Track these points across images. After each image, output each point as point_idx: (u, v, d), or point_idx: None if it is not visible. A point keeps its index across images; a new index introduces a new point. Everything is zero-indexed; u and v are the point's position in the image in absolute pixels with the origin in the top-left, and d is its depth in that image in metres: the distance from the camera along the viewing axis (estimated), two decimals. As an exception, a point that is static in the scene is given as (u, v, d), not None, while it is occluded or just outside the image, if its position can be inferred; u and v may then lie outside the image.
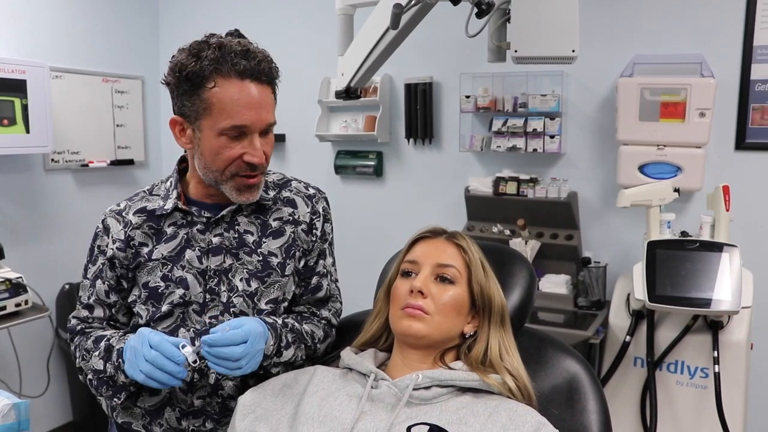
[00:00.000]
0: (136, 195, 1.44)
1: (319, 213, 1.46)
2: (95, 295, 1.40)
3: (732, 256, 2.04)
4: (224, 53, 1.23)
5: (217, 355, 1.18)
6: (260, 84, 1.27)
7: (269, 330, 1.28)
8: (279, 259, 1.38)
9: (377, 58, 1.90)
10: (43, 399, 3.03)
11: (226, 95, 1.23)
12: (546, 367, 1.31)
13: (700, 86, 2.30)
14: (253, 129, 1.27)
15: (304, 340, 1.39)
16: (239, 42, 1.27)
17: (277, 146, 3.44)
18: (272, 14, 3.35)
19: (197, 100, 1.24)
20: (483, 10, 1.49)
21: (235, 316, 1.34)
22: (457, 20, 1.82)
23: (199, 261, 1.35)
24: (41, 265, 2.98)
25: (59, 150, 3.12)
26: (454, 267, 1.25)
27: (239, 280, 1.35)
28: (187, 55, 1.25)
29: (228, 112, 1.23)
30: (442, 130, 3.01)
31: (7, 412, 1.43)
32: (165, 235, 1.37)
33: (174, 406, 1.36)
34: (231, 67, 1.23)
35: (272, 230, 1.40)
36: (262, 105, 1.27)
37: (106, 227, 1.40)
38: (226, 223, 1.37)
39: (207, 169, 1.30)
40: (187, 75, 1.23)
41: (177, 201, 1.36)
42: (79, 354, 1.38)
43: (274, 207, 1.42)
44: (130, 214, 1.39)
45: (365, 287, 1.72)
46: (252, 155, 1.28)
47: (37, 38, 3.04)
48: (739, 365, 2.09)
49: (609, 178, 2.65)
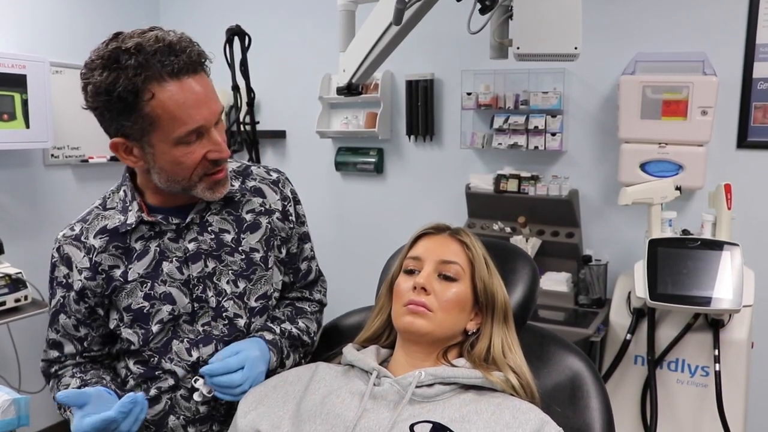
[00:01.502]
0: (89, 214, 1.32)
1: (288, 198, 1.41)
2: (62, 330, 1.32)
3: (733, 255, 2.04)
4: (147, 56, 1.09)
5: (218, 384, 1.20)
6: (197, 75, 1.15)
7: (271, 349, 1.30)
8: (261, 253, 1.35)
9: (379, 55, 1.89)
10: (42, 395, 3.00)
11: (169, 102, 1.11)
12: (549, 365, 1.30)
13: (702, 84, 2.30)
14: (209, 125, 1.17)
15: (302, 342, 1.40)
16: (156, 37, 1.12)
17: (278, 143, 3.43)
18: (273, 10, 3.34)
19: (138, 117, 1.12)
20: (486, 6, 1.48)
21: (228, 320, 1.31)
22: (459, 17, 1.81)
23: (179, 272, 1.28)
24: (41, 261, 2.92)
25: (59, 145, 3.12)
26: (458, 264, 1.24)
27: (226, 283, 1.31)
28: (104, 70, 1.10)
29: (179, 119, 1.13)
30: (443, 127, 3.01)
31: (7, 408, 1.43)
32: (135, 252, 1.27)
33: (177, 414, 1.32)
34: (161, 69, 1.10)
35: (248, 224, 1.34)
36: (208, 97, 1.16)
37: (65, 256, 1.28)
38: (197, 225, 1.30)
39: (171, 181, 1.21)
40: (118, 95, 1.09)
41: (140, 213, 1.26)
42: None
43: (243, 199, 1.35)
44: (90, 238, 1.27)
45: (366, 284, 1.72)
46: (215, 151, 1.19)
47: (38, 33, 3.03)
48: (739, 364, 2.09)
49: (610, 176, 2.65)
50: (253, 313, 1.35)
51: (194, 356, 1.29)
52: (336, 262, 1.63)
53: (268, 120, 3.40)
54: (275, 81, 3.34)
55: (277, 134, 3.40)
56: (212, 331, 1.30)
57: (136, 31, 1.14)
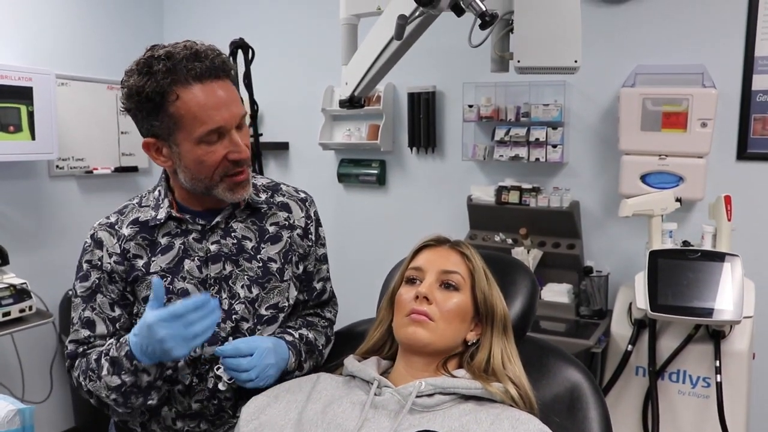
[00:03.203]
0: (126, 207, 1.40)
1: (312, 218, 1.48)
2: (98, 309, 1.35)
3: (734, 266, 2.04)
4: (175, 62, 1.20)
5: (227, 366, 1.26)
6: (220, 80, 1.25)
7: (290, 349, 1.34)
8: (278, 264, 1.40)
9: (381, 68, 1.91)
10: (46, 405, 3.03)
11: (192, 103, 1.21)
12: (548, 376, 1.31)
13: (701, 96, 2.31)
14: (229, 127, 1.25)
15: (316, 350, 1.43)
16: (185, 46, 1.23)
17: (281, 154, 3.45)
18: (276, 24, 3.38)
19: (164, 117, 1.22)
20: (486, 21, 1.50)
21: (236, 322, 1.35)
22: (460, 30, 1.84)
23: (199, 270, 1.34)
24: (45, 271, 2.98)
25: (64, 157, 3.14)
26: (459, 273, 1.26)
27: (240, 287, 1.36)
28: (138, 75, 1.21)
29: (200, 119, 1.22)
30: (444, 139, 3.03)
31: (11, 418, 1.44)
32: (160, 246, 1.34)
33: (171, 406, 1.36)
34: (186, 73, 1.20)
35: (270, 236, 1.40)
36: (229, 100, 1.26)
37: (98, 241, 1.35)
38: (222, 229, 1.36)
39: (195, 180, 1.29)
40: (147, 96, 1.20)
41: (170, 209, 1.34)
42: (84, 378, 1.31)
43: (269, 212, 1.42)
44: (123, 228, 1.35)
45: (368, 295, 1.73)
46: (235, 152, 1.27)
47: (43, 46, 3.06)
48: (741, 375, 2.09)
49: (611, 188, 2.66)
50: (260, 320, 1.38)
51: (197, 353, 1.33)
52: (338, 274, 1.63)
53: (271, 132, 3.42)
54: (278, 93, 3.37)
55: (280, 146, 3.42)
56: (219, 333, 1.34)
57: (171, 43, 1.26)
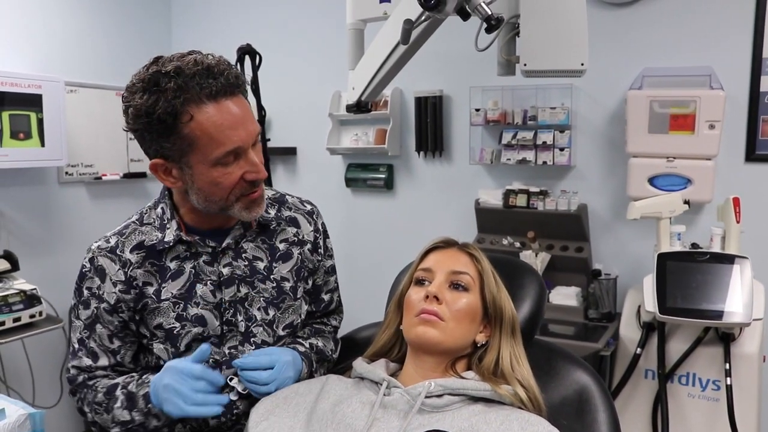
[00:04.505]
0: (126, 228, 1.32)
1: (320, 230, 1.46)
2: (98, 340, 1.31)
3: (743, 268, 2.03)
4: (186, 79, 1.11)
5: (247, 378, 1.25)
6: (234, 96, 1.17)
7: (303, 360, 1.34)
8: (291, 283, 1.38)
9: (388, 72, 1.92)
10: (56, 410, 3.04)
11: (207, 124, 1.13)
12: (556, 379, 1.31)
13: (709, 98, 2.31)
14: (246, 146, 1.18)
15: (325, 358, 1.44)
16: (195, 60, 1.14)
17: (288, 159, 3.47)
18: (284, 28, 3.39)
19: (177, 139, 1.14)
20: (492, 25, 1.51)
21: (256, 346, 1.33)
22: (466, 34, 1.84)
23: (212, 295, 1.30)
24: (55, 277, 2.99)
25: (73, 163, 3.16)
26: (468, 274, 1.26)
27: (257, 309, 1.33)
28: (144, 93, 1.12)
29: (217, 141, 1.14)
30: (452, 143, 3.03)
31: (22, 422, 1.45)
32: (170, 271, 1.28)
33: (186, 422, 1.33)
34: (200, 91, 1.12)
35: (281, 253, 1.37)
36: (245, 119, 1.18)
37: (98, 268, 1.28)
38: (232, 250, 1.32)
39: (209, 201, 1.22)
40: (158, 117, 1.11)
41: (179, 232, 1.27)
42: (89, 408, 1.30)
43: (278, 228, 1.38)
44: (126, 252, 1.28)
45: (376, 299, 1.73)
46: (253, 172, 1.21)
47: (52, 54, 3.09)
48: (751, 377, 2.08)
49: (619, 191, 2.66)
50: (279, 341, 1.37)
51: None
52: (346, 278, 1.63)
53: (279, 137, 3.44)
54: (286, 99, 3.38)
55: (287, 151, 3.43)
56: (238, 355, 1.32)
57: (175, 54, 1.17)
